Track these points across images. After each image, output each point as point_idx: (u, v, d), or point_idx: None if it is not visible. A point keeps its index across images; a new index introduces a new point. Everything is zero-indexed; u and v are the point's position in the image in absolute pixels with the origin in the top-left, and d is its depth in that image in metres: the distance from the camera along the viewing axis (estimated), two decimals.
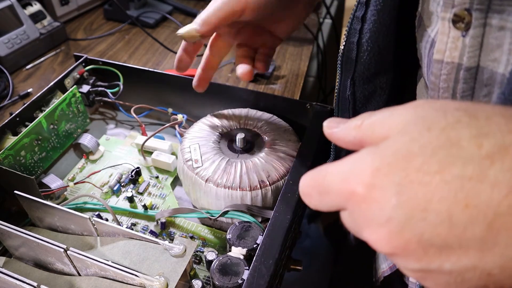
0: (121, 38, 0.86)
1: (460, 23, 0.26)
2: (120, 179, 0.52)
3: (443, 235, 0.16)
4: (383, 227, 0.17)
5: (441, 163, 0.16)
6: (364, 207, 0.18)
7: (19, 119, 0.50)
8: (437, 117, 0.17)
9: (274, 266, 0.33)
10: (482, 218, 0.15)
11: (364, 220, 0.18)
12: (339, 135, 0.21)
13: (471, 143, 0.16)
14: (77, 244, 0.40)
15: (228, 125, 0.50)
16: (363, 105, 0.39)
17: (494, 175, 0.15)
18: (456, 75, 0.28)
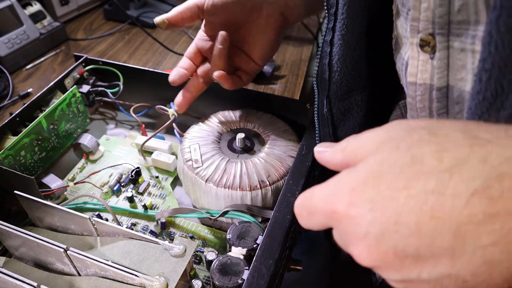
0: (121, 38, 0.86)
1: (427, 47, 0.28)
2: (120, 179, 0.52)
3: (415, 246, 0.17)
4: (362, 242, 0.19)
5: (407, 179, 0.17)
6: (345, 224, 0.19)
7: (19, 119, 0.50)
8: (404, 137, 0.19)
9: (274, 266, 0.33)
10: (447, 228, 0.16)
11: (347, 236, 0.20)
12: (327, 158, 0.23)
13: (433, 159, 0.17)
14: (77, 244, 0.40)
15: (228, 125, 0.50)
16: (341, 121, 0.41)
17: (454, 187, 0.16)
18: (430, 95, 0.29)
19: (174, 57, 0.80)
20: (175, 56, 0.80)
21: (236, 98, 0.55)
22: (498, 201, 0.16)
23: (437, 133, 0.18)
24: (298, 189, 0.39)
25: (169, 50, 0.81)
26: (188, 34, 0.88)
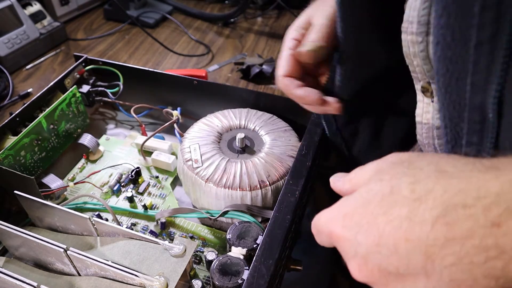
0: (121, 38, 0.86)
1: (427, 92, 0.32)
2: (120, 179, 0.52)
3: (395, 265, 0.20)
4: (353, 260, 0.22)
5: (386, 207, 0.20)
6: (341, 244, 0.22)
7: (19, 119, 0.50)
8: (388, 169, 0.22)
9: (274, 266, 0.33)
10: (419, 250, 0.19)
11: (344, 254, 0.23)
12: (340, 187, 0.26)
13: (407, 189, 0.20)
14: (77, 244, 0.40)
15: (228, 125, 0.50)
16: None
17: (422, 214, 0.19)
18: (432, 133, 0.33)
19: (174, 57, 0.80)
20: (175, 56, 0.80)
21: (236, 98, 0.55)
22: (455, 227, 0.18)
23: (414, 166, 0.21)
24: (298, 189, 0.39)
25: (169, 50, 0.81)
26: (188, 34, 0.88)
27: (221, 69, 0.77)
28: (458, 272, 0.18)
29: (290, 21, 0.92)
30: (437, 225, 0.18)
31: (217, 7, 1.00)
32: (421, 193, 0.19)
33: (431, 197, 0.19)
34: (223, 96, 0.56)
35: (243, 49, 0.83)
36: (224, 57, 0.80)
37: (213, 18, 0.93)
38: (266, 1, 0.96)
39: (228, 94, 0.55)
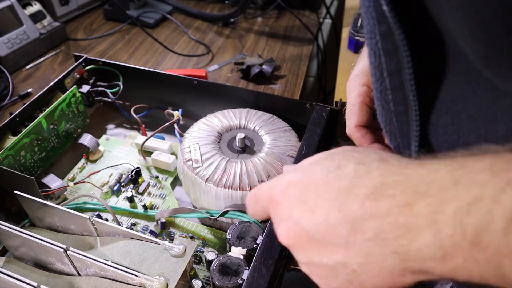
0: (121, 38, 0.86)
1: None
2: (120, 179, 0.52)
3: (322, 233, 0.22)
4: (284, 223, 0.24)
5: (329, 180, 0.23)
6: (277, 208, 0.25)
7: (19, 119, 0.50)
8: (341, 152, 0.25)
9: (274, 266, 0.33)
10: (346, 221, 0.21)
11: (276, 219, 0.25)
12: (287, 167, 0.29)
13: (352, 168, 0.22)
14: (77, 244, 0.40)
15: (228, 125, 0.50)
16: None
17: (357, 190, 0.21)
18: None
19: (174, 57, 0.80)
20: (175, 56, 0.80)
21: (236, 98, 0.55)
22: (379, 204, 0.20)
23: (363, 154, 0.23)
24: None
25: (169, 50, 0.81)
26: (188, 34, 0.88)
27: (221, 69, 0.77)
28: (374, 247, 0.20)
29: (290, 21, 0.93)
30: (367, 201, 0.20)
31: (217, 7, 1.00)
32: (361, 173, 0.22)
33: (368, 178, 0.21)
34: (223, 96, 0.56)
35: (243, 49, 0.83)
36: (224, 57, 0.80)
37: (213, 18, 0.93)
38: (266, 1, 0.96)
39: (228, 94, 0.55)
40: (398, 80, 0.25)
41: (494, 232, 0.16)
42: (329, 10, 1.01)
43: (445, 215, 0.18)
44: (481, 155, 0.18)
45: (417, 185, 0.19)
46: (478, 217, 0.17)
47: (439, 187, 0.18)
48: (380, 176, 0.21)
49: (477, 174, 0.17)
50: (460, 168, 0.18)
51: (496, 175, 0.17)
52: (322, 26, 1.01)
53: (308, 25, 0.89)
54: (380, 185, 0.20)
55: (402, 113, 0.26)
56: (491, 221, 0.16)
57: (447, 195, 0.18)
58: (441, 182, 0.18)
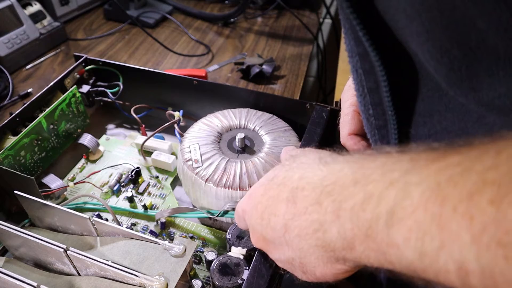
0: (121, 38, 0.86)
1: None
2: (120, 179, 0.52)
3: (270, 235, 0.26)
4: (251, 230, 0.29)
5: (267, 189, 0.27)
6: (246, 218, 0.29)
7: (19, 119, 0.50)
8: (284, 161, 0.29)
9: (274, 266, 0.33)
10: (280, 223, 0.25)
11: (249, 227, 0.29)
12: None
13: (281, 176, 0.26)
14: (77, 244, 0.40)
15: (228, 125, 0.50)
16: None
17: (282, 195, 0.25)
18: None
19: (174, 57, 0.80)
20: (175, 56, 0.80)
21: (236, 98, 0.55)
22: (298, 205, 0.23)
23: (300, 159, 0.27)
24: None
25: (169, 50, 0.81)
26: (188, 34, 0.88)
27: (221, 69, 0.77)
28: (302, 242, 0.23)
29: (290, 21, 0.93)
30: (289, 204, 0.24)
31: (217, 7, 1.00)
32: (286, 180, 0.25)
33: (289, 182, 0.25)
34: (223, 96, 0.56)
35: (243, 49, 0.83)
36: (224, 57, 0.80)
37: (213, 18, 0.93)
38: (266, 1, 0.96)
39: (228, 94, 0.55)
40: (377, 96, 0.27)
41: (380, 226, 0.18)
42: (329, 10, 1.01)
43: (346, 211, 0.20)
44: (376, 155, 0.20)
45: (326, 184, 0.22)
46: (369, 212, 0.19)
47: (341, 186, 0.21)
48: (298, 180, 0.24)
49: (371, 174, 0.19)
50: (359, 169, 0.20)
51: (384, 174, 0.19)
52: (322, 26, 1.01)
53: (308, 25, 0.89)
54: (296, 188, 0.24)
55: (382, 127, 0.28)
56: (378, 216, 0.18)
57: (347, 193, 0.20)
58: (343, 181, 0.21)
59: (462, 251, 0.14)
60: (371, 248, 0.19)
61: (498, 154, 0.14)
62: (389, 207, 0.17)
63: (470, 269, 0.14)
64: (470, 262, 0.14)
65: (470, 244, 0.14)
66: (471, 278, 0.14)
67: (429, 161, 0.17)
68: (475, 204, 0.14)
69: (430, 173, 0.16)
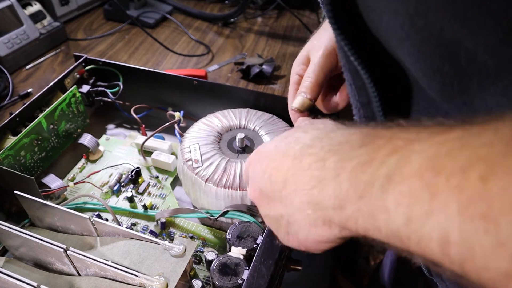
0: (121, 38, 0.86)
1: None
2: (120, 179, 0.52)
3: (268, 188, 0.27)
4: (250, 181, 0.30)
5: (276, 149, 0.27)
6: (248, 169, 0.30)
7: (19, 119, 0.50)
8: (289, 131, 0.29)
9: (274, 266, 0.33)
10: (281, 177, 0.25)
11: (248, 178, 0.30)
12: None
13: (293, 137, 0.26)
14: (77, 244, 0.40)
15: (228, 125, 0.50)
16: None
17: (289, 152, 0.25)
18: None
19: (174, 57, 0.80)
20: (175, 56, 0.80)
21: (236, 98, 0.55)
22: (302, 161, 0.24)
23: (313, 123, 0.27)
24: None
25: (169, 50, 0.81)
26: (188, 34, 0.88)
27: (221, 69, 0.77)
28: (295, 198, 0.24)
29: (290, 21, 0.93)
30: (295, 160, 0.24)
31: (217, 7, 1.00)
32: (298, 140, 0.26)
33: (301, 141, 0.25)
34: (223, 96, 0.56)
35: (243, 49, 0.83)
36: (224, 57, 0.80)
37: (213, 18, 0.93)
38: (266, 1, 0.96)
39: (228, 94, 0.55)
40: (370, 111, 0.28)
41: (375, 189, 0.18)
42: None
43: (346, 171, 0.20)
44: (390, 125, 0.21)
45: (334, 144, 0.23)
46: (368, 174, 0.19)
47: (349, 147, 0.21)
48: (309, 140, 0.25)
49: (378, 140, 0.20)
50: (369, 134, 0.21)
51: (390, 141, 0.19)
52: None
53: (308, 25, 0.89)
54: (307, 146, 0.24)
55: None
56: (375, 179, 0.18)
57: (352, 154, 0.21)
58: (352, 144, 0.21)
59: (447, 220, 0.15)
60: (361, 210, 0.19)
61: (496, 133, 0.15)
62: (388, 172, 0.18)
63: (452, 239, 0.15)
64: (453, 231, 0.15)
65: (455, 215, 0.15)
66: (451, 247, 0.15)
67: (433, 133, 0.17)
68: (466, 177, 0.15)
69: (431, 144, 0.17)
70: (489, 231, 0.13)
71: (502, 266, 0.13)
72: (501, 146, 0.14)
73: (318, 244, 0.25)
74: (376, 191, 0.18)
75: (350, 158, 0.21)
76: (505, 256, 0.13)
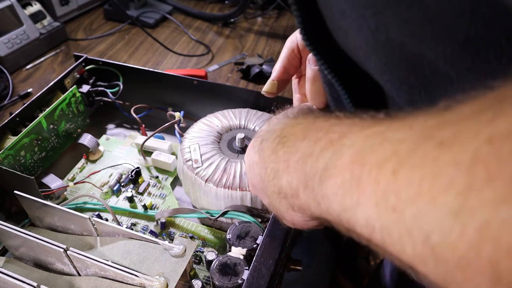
0: (121, 38, 0.86)
1: None
2: (120, 179, 0.52)
3: (255, 181, 0.29)
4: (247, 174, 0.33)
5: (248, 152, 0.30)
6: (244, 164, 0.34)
7: (19, 119, 0.50)
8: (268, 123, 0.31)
9: (274, 266, 0.33)
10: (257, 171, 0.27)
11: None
12: None
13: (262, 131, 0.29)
14: (77, 244, 0.40)
15: (228, 125, 0.50)
16: None
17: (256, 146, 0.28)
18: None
19: (174, 57, 0.80)
20: (175, 56, 0.80)
21: (236, 98, 0.55)
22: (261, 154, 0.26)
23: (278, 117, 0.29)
24: None
25: (169, 50, 0.81)
26: (188, 34, 0.88)
27: (221, 69, 0.77)
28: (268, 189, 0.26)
29: (290, 21, 0.93)
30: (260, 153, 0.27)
31: (217, 7, 1.00)
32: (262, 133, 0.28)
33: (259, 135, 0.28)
34: (223, 96, 0.56)
35: (243, 49, 0.83)
36: (224, 57, 0.80)
37: (213, 18, 0.93)
38: (266, 1, 0.96)
39: (228, 94, 0.55)
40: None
41: (316, 180, 0.20)
42: None
43: (293, 162, 0.22)
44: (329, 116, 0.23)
45: (283, 136, 0.25)
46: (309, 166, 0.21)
47: (294, 139, 0.23)
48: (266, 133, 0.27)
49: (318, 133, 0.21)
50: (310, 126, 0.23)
51: (327, 134, 0.21)
52: None
53: None
54: (264, 140, 0.27)
55: None
56: (316, 170, 0.20)
57: (296, 147, 0.23)
58: (297, 136, 0.23)
59: (370, 210, 0.16)
60: (310, 197, 0.21)
61: (410, 128, 0.16)
62: (324, 164, 0.19)
63: (375, 226, 0.16)
64: (374, 220, 0.16)
65: (374, 206, 0.16)
66: (375, 234, 0.16)
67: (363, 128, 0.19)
68: (382, 171, 0.16)
69: (359, 139, 0.18)
70: (399, 221, 0.15)
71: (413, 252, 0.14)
72: (410, 142, 0.15)
73: (305, 224, 0.26)
74: (317, 181, 0.20)
75: (295, 151, 0.23)
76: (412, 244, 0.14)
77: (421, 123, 0.15)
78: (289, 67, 0.42)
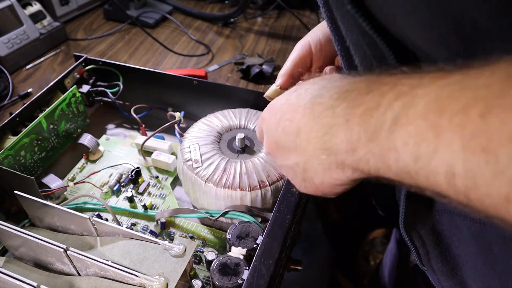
0: (121, 38, 0.86)
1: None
2: (120, 179, 0.52)
3: (283, 140, 0.28)
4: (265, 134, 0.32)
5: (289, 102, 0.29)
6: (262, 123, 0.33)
7: (19, 119, 0.50)
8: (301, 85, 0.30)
9: (274, 266, 0.33)
10: (294, 129, 0.27)
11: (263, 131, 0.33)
12: None
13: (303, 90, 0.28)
14: (77, 244, 0.40)
15: (228, 125, 0.50)
16: None
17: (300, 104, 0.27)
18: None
19: (174, 57, 0.80)
20: (175, 56, 0.80)
21: (236, 98, 0.55)
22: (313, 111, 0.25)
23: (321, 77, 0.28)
24: None
25: (169, 50, 0.81)
26: (188, 34, 0.88)
27: (221, 69, 0.77)
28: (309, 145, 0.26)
29: (290, 21, 0.93)
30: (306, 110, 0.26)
31: (217, 7, 1.00)
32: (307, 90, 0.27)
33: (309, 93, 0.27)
34: (223, 96, 0.56)
35: (243, 49, 0.83)
36: (224, 57, 0.80)
37: (213, 18, 0.93)
38: (266, 1, 0.96)
39: (228, 94, 0.55)
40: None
41: (383, 131, 0.20)
42: None
43: (355, 116, 0.22)
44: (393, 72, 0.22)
45: (341, 92, 0.24)
46: (376, 118, 0.20)
47: (356, 94, 0.23)
48: (317, 90, 0.26)
49: (384, 86, 0.21)
50: (374, 81, 0.22)
51: (395, 87, 0.20)
52: None
53: (308, 25, 0.89)
54: (316, 96, 0.26)
55: None
56: (383, 122, 0.20)
57: (360, 101, 0.22)
58: (359, 91, 0.23)
59: (452, 155, 0.16)
60: (372, 151, 0.21)
61: (492, 75, 0.16)
62: (395, 115, 0.19)
63: (456, 171, 0.16)
64: (458, 165, 0.16)
65: (459, 150, 0.16)
66: (457, 179, 0.16)
67: (435, 78, 0.19)
68: (467, 116, 0.16)
69: (434, 88, 0.18)
70: (490, 161, 0.15)
71: (502, 192, 0.15)
72: (497, 86, 0.15)
73: (333, 188, 0.26)
74: (385, 133, 0.20)
75: (358, 105, 0.22)
76: (505, 182, 0.15)
77: (504, 70, 0.16)
78: (297, 74, 0.42)
